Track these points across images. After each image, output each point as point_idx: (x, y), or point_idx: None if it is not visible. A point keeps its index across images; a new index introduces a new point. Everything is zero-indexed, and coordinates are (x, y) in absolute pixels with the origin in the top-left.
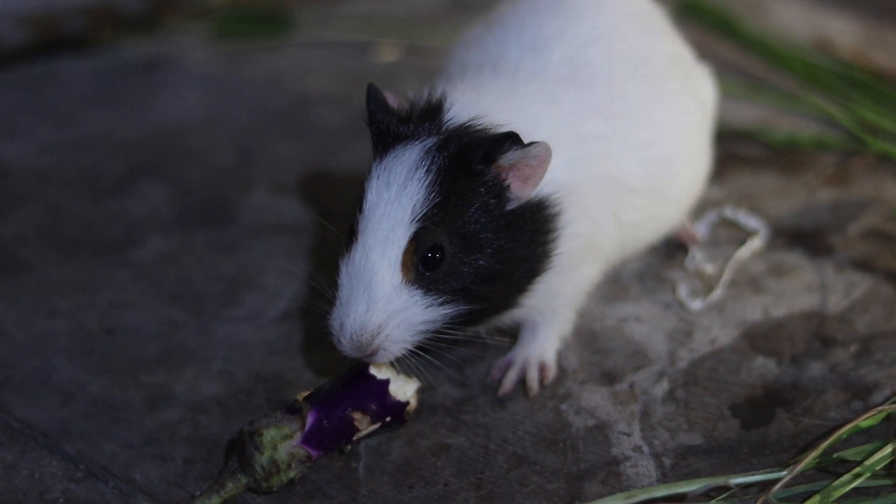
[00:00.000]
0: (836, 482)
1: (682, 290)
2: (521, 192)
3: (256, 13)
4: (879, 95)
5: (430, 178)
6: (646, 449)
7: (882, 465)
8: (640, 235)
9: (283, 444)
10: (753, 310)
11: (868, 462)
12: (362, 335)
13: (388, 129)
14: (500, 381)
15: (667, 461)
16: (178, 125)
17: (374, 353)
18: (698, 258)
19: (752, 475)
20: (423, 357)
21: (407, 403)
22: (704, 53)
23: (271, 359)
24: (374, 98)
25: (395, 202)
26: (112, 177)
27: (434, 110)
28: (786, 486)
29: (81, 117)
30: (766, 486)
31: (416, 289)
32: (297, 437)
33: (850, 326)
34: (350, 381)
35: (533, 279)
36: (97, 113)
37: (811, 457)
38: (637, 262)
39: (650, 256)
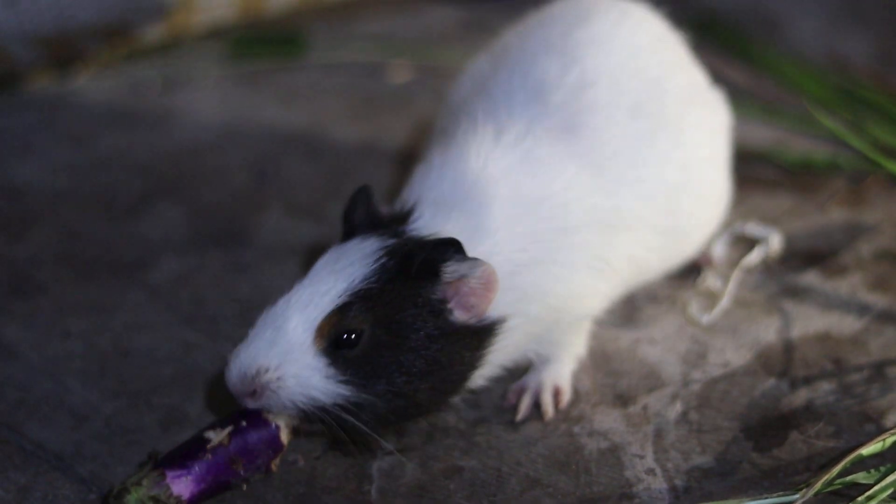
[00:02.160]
0: None
1: (693, 308)
2: (463, 318)
3: (270, 34)
4: (894, 116)
5: (374, 266)
6: (659, 472)
7: (895, 488)
8: (660, 268)
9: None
10: (767, 331)
11: (881, 485)
12: (250, 368)
13: (361, 223)
14: (515, 406)
15: (679, 484)
16: (192, 146)
17: (259, 394)
18: (709, 277)
19: (765, 499)
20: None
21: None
22: (718, 76)
23: None
24: (362, 195)
25: (335, 273)
26: (127, 197)
27: (402, 218)
28: None
29: (96, 138)
30: None
31: (323, 357)
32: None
33: (864, 348)
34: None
35: (467, 381)
36: (112, 133)
37: (822, 480)
38: (650, 284)
39: (664, 278)
